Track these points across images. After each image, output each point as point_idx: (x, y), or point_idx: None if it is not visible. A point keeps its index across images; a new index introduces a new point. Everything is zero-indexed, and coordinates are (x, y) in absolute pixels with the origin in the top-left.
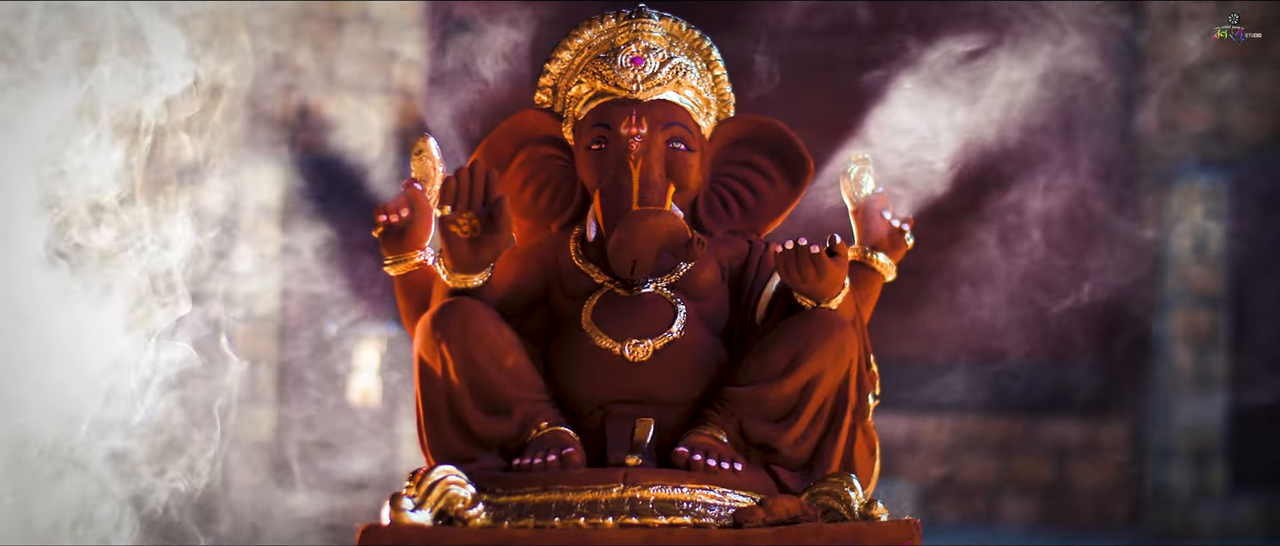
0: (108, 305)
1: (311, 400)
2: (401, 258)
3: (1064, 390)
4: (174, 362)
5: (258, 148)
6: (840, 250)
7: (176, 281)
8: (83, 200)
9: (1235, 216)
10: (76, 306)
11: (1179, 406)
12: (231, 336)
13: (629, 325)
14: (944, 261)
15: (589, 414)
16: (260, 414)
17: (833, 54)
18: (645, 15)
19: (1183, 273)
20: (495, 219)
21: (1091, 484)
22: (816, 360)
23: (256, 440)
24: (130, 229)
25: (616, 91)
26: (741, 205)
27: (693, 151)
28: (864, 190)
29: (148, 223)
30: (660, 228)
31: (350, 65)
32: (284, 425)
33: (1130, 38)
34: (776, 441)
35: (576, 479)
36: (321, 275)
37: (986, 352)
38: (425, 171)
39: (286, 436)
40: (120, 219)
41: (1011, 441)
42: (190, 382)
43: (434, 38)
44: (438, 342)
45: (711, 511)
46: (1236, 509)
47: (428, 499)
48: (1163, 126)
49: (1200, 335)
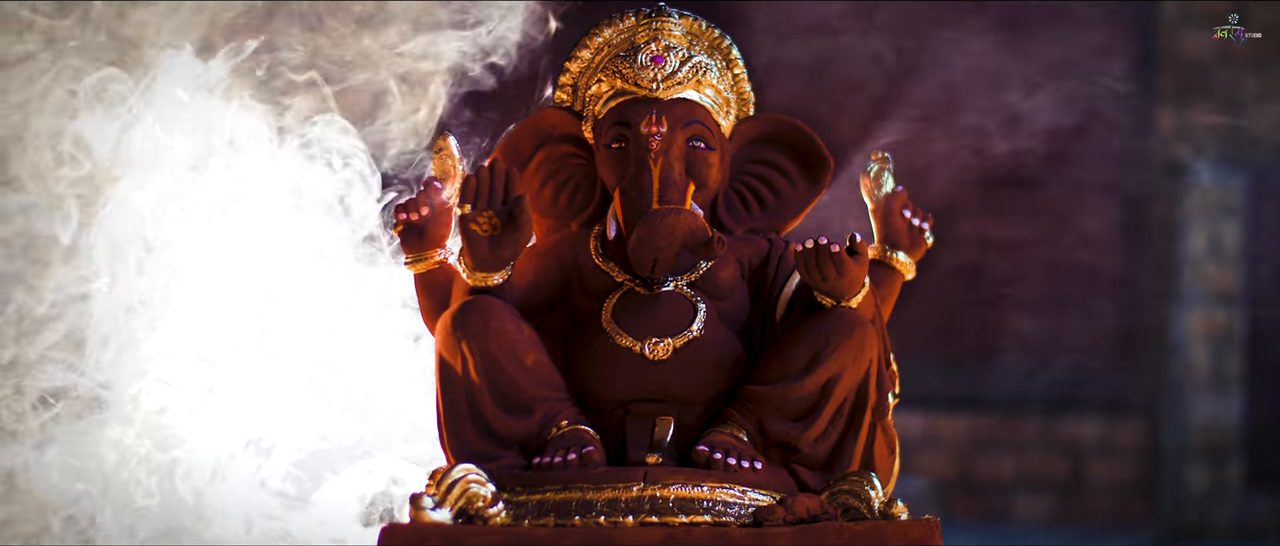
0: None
1: None
2: (421, 256)
3: (1080, 388)
4: None
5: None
6: (860, 249)
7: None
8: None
9: (1252, 215)
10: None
11: (1195, 405)
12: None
13: (649, 324)
14: (963, 259)
15: (609, 412)
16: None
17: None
18: (665, 14)
19: (1199, 271)
20: (515, 217)
21: (1108, 482)
22: (837, 359)
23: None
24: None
25: (636, 90)
26: (761, 204)
27: (713, 150)
28: (884, 188)
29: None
30: (680, 226)
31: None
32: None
33: (1147, 36)
34: (796, 440)
35: (596, 477)
36: None
37: (1004, 350)
38: (445, 170)
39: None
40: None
41: (1028, 440)
42: None
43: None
44: (458, 341)
45: (731, 510)
46: (1253, 507)
47: (448, 497)
48: (1179, 125)
49: (1217, 334)
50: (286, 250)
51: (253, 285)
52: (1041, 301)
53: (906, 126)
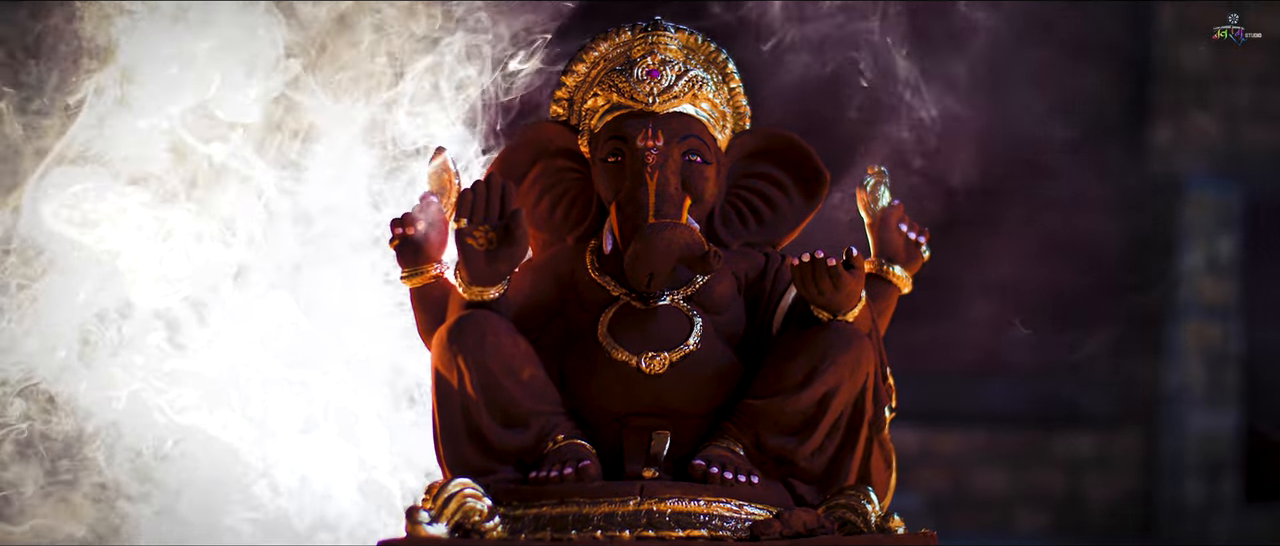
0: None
1: None
2: (417, 270)
3: (1076, 402)
4: None
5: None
6: (857, 263)
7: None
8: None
9: (1248, 228)
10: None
11: (1192, 418)
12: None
13: (645, 338)
14: (956, 273)
15: (605, 426)
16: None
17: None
18: (661, 28)
19: (1195, 284)
20: (511, 231)
21: (1104, 496)
22: (834, 373)
23: None
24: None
25: (632, 104)
26: (757, 218)
27: (709, 164)
28: (880, 202)
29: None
30: (676, 240)
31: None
32: None
33: (1143, 48)
34: (793, 454)
35: (593, 491)
36: None
37: (998, 365)
38: (442, 184)
39: None
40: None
41: (1024, 453)
42: None
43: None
44: (454, 355)
45: (728, 524)
46: (1250, 521)
47: (444, 511)
48: (1175, 137)
49: (1213, 347)
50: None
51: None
52: (1037, 315)
53: (903, 136)
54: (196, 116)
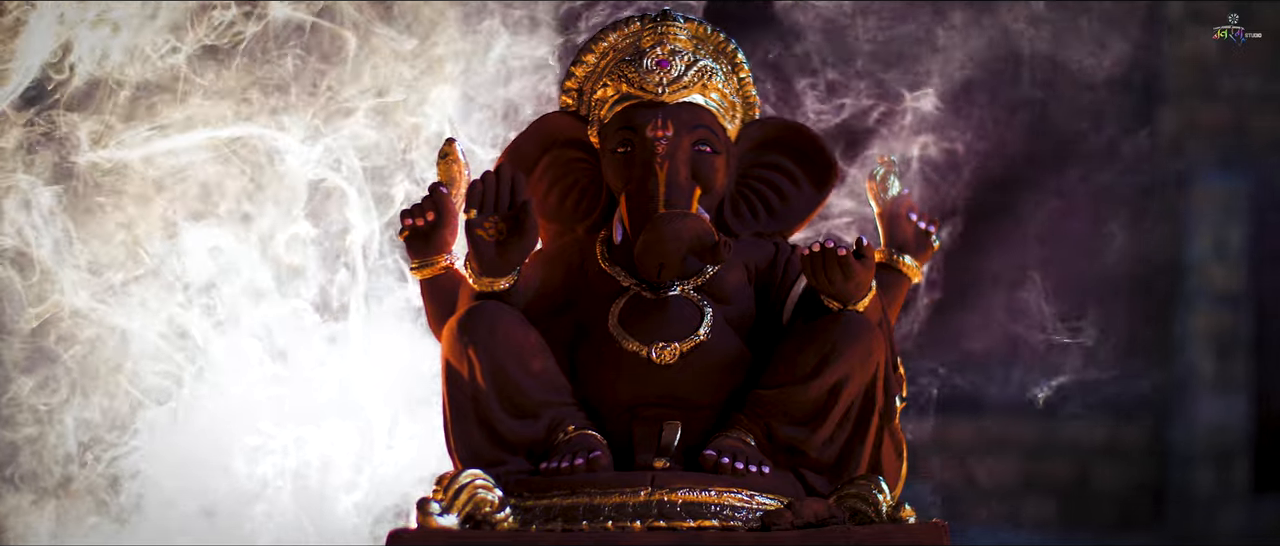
0: None
1: None
2: (428, 261)
3: (1086, 391)
4: None
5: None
6: (867, 252)
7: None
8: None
9: (1257, 216)
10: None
11: (1202, 407)
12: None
13: (655, 328)
14: (967, 262)
15: (616, 417)
16: None
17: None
18: (671, 18)
19: (1204, 273)
20: (521, 222)
21: (1114, 486)
22: (844, 362)
23: None
24: None
25: (642, 94)
26: (767, 208)
27: (718, 154)
28: (890, 192)
29: None
30: (686, 230)
31: None
32: None
33: (1152, 37)
34: (804, 444)
35: (604, 482)
36: None
37: (1008, 354)
38: (451, 175)
39: None
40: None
41: (1033, 443)
42: None
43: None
44: (465, 346)
45: (739, 514)
46: (1261, 511)
47: (455, 503)
48: (1183, 126)
49: (1222, 336)
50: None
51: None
52: (1046, 303)
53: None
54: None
